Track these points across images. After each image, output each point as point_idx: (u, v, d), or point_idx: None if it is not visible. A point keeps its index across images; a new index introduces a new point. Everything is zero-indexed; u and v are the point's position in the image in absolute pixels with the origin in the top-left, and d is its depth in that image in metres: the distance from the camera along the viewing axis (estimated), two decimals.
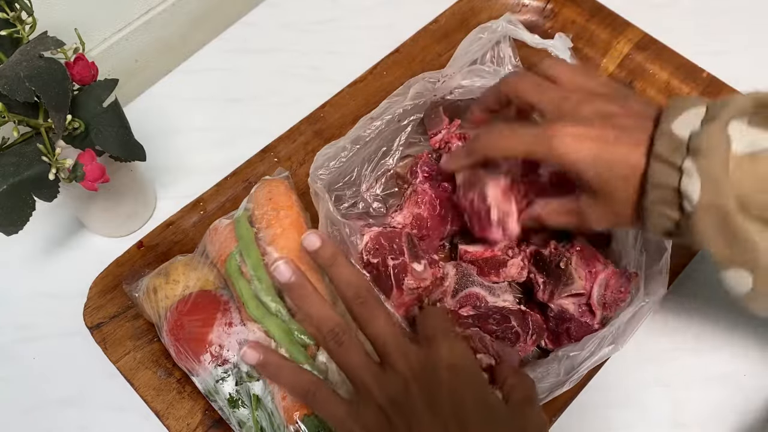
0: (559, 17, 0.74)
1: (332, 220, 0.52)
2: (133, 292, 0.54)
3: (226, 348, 0.50)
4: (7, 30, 0.48)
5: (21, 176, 0.47)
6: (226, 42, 0.75)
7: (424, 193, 0.58)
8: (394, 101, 0.57)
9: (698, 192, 0.38)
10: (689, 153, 0.38)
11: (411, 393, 0.41)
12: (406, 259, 0.53)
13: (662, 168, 0.39)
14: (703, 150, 0.38)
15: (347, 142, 0.55)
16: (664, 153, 0.39)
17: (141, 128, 0.55)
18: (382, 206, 0.59)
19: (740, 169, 0.37)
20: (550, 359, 0.49)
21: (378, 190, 0.59)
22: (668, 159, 0.39)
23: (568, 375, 0.48)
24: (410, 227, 0.57)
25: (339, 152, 0.55)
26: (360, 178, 0.58)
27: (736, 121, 0.39)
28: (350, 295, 0.45)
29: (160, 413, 0.52)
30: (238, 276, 0.50)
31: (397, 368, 0.42)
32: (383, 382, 0.42)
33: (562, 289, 0.52)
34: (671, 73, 0.69)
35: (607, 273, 0.52)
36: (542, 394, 0.48)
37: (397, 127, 0.57)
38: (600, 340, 0.49)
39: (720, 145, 0.38)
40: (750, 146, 0.38)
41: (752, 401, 0.55)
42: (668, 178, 0.39)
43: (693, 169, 0.38)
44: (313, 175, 0.54)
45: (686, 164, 0.38)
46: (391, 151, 0.58)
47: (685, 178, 0.38)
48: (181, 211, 0.61)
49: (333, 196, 0.56)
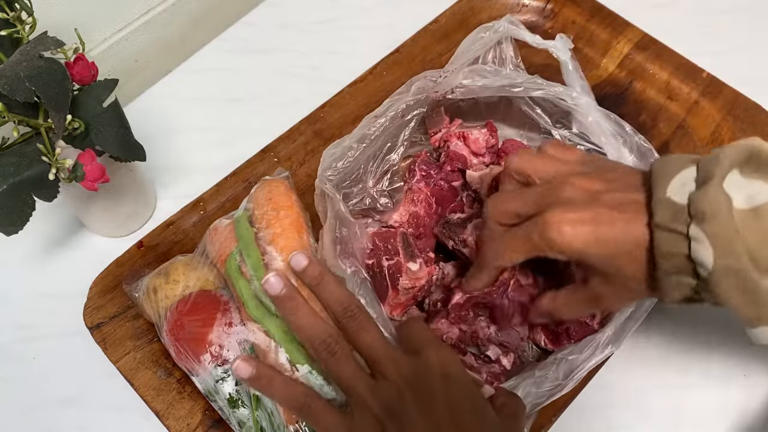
0: (559, 17, 0.74)
1: (342, 221, 0.51)
2: (133, 292, 0.54)
3: (226, 348, 0.50)
4: (7, 30, 0.48)
5: (21, 176, 0.47)
6: (226, 42, 0.75)
7: (420, 192, 0.58)
8: (396, 98, 0.57)
9: (711, 257, 0.36)
10: (693, 219, 0.37)
11: (405, 400, 0.40)
12: (401, 258, 0.53)
13: (668, 237, 0.38)
14: (708, 215, 0.36)
15: (353, 141, 0.55)
16: (667, 222, 0.38)
17: (141, 128, 0.55)
18: (389, 201, 0.59)
19: (745, 227, 0.36)
20: (549, 362, 0.49)
21: (384, 186, 0.59)
22: (673, 228, 0.38)
23: (567, 378, 0.48)
24: (406, 225, 0.57)
25: (346, 152, 0.55)
26: (366, 174, 0.58)
27: (730, 175, 0.38)
28: (339, 311, 0.45)
29: (160, 413, 0.52)
30: (238, 276, 0.50)
31: (389, 377, 0.42)
32: (376, 391, 0.42)
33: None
34: (671, 73, 0.69)
35: None
36: (541, 399, 0.48)
37: (401, 123, 0.57)
38: (597, 342, 0.49)
39: (722, 206, 0.36)
40: (749, 201, 0.37)
41: (752, 401, 0.55)
42: (677, 246, 0.38)
43: (702, 236, 0.36)
44: (321, 176, 0.54)
45: (692, 231, 0.37)
46: (395, 147, 0.58)
47: (694, 245, 0.37)
48: (181, 211, 0.61)
49: (341, 194, 0.56)
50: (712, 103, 0.67)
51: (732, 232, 0.36)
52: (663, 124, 0.67)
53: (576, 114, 0.57)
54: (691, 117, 0.67)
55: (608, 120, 0.55)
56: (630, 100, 0.69)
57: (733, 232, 0.36)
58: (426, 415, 0.40)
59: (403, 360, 0.43)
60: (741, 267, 0.36)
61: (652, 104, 0.69)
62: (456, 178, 0.60)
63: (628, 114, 0.67)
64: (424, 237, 0.57)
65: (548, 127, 0.60)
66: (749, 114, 0.66)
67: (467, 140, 0.60)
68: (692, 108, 0.68)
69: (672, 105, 0.68)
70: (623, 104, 0.69)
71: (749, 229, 0.36)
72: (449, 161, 0.60)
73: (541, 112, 0.60)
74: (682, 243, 0.38)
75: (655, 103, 0.69)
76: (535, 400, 0.48)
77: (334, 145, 0.55)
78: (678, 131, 0.67)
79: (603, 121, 0.55)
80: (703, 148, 0.65)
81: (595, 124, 0.56)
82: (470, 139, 0.60)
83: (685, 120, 0.67)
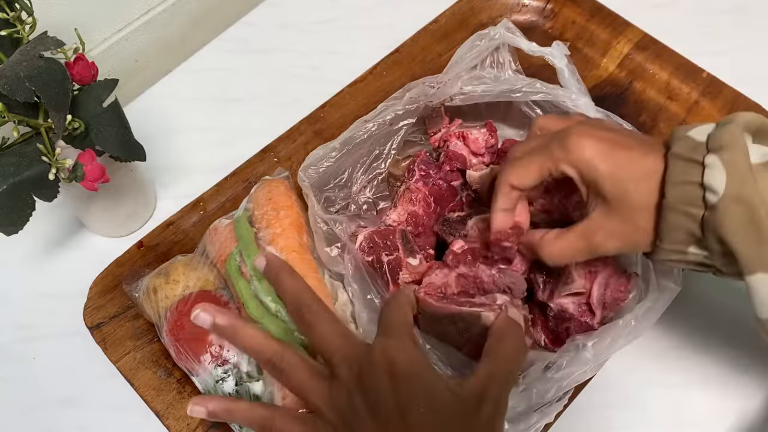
0: (559, 17, 0.74)
1: (318, 217, 0.52)
2: (133, 292, 0.54)
3: (226, 348, 0.50)
4: (7, 30, 0.48)
5: (21, 176, 0.47)
6: (226, 42, 0.75)
7: (418, 191, 0.58)
8: (390, 104, 0.57)
9: (724, 182, 0.37)
10: (709, 151, 0.38)
11: (355, 405, 0.39)
12: (400, 254, 0.53)
13: (683, 165, 0.39)
14: (725, 145, 0.38)
15: (337, 143, 0.56)
16: (684, 152, 0.39)
17: (141, 128, 0.55)
18: (373, 210, 0.59)
19: (760, 177, 0.37)
20: (569, 347, 0.48)
21: (369, 193, 0.60)
22: (689, 156, 0.39)
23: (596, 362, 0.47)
24: (405, 225, 0.57)
25: (329, 152, 0.55)
26: (351, 180, 0.58)
27: (745, 133, 0.39)
28: (294, 304, 0.43)
29: (160, 413, 0.52)
30: (238, 276, 0.50)
31: (341, 377, 0.40)
32: (330, 398, 0.40)
33: (561, 288, 0.52)
34: (671, 73, 0.69)
35: (607, 272, 0.52)
36: (564, 380, 0.46)
37: (389, 131, 0.58)
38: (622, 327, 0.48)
39: (740, 141, 0.38)
40: (762, 157, 0.38)
41: (752, 401, 0.55)
42: (690, 174, 0.39)
43: (717, 162, 0.38)
44: (301, 174, 0.54)
45: (709, 159, 0.38)
46: (383, 156, 0.59)
47: (708, 171, 0.38)
48: (181, 211, 0.61)
49: (323, 197, 0.57)
50: (712, 103, 0.67)
51: (746, 165, 0.37)
52: (663, 124, 0.67)
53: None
54: (692, 117, 0.67)
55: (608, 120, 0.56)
56: (630, 101, 0.69)
57: (747, 164, 0.37)
58: (374, 418, 0.38)
59: (356, 354, 0.40)
60: (753, 199, 0.37)
61: (652, 104, 0.69)
62: (455, 178, 0.60)
63: (628, 114, 0.67)
64: (423, 235, 0.58)
65: None
66: None
67: (467, 140, 0.60)
68: (692, 108, 0.67)
69: (672, 105, 0.68)
70: (623, 104, 0.69)
71: (764, 180, 0.37)
72: (448, 161, 0.60)
73: (541, 112, 0.60)
74: (696, 170, 0.39)
75: (655, 103, 0.69)
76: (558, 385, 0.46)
77: (321, 147, 0.56)
78: None
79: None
80: None
81: None
82: (470, 139, 0.60)
83: (685, 120, 0.67)
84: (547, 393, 0.46)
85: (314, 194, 0.54)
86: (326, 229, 0.53)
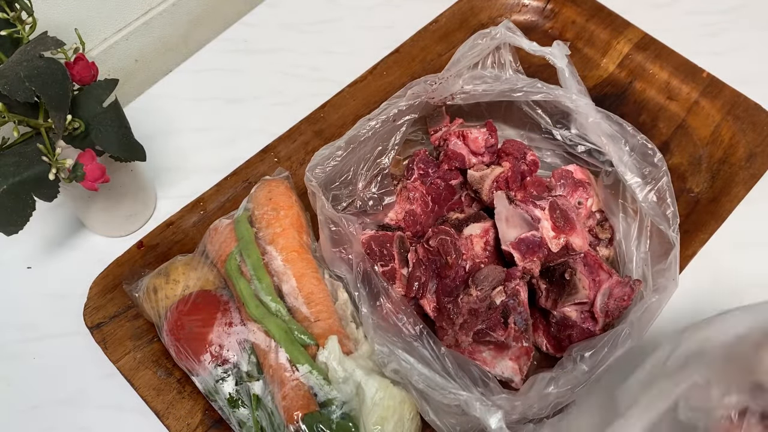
0: (559, 17, 0.74)
1: (329, 217, 0.52)
2: (133, 292, 0.54)
3: (226, 348, 0.50)
4: (7, 30, 0.48)
5: (21, 176, 0.47)
6: (226, 42, 0.75)
7: (416, 190, 0.58)
8: (393, 102, 0.57)
9: None
10: None
11: None
12: (395, 265, 0.53)
13: None
14: None
15: (342, 142, 0.56)
16: None
17: (141, 128, 0.55)
18: (378, 205, 0.59)
19: None
20: (566, 361, 0.48)
21: (374, 189, 0.60)
22: None
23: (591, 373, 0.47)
24: (403, 223, 0.57)
25: (334, 152, 0.55)
26: (356, 177, 0.58)
27: None
28: None
29: (160, 413, 0.52)
30: (238, 276, 0.50)
31: None
32: None
33: (565, 298, 0.52)
34: (671, 73, 0.69)
35: (611, 282, 0.51)
36: (563, 397, 0.46)
37: (392, 127, 0.58)
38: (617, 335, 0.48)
39: None
40: None
41: None
42: None
43: None
44: (308, 174, 0.54)
45: None
46: (386, 151, 0.59)
47: None
48: (181, 211, 0.61)
49: (330, 195, 0.57)
50: (712, 103, 0.67)
51: None
52: (663, 124, 0.67)
53: (576, 116, 0.57)
54: (691, 117, 0.67)
55: (608, 121, 0.56)
56: (630, 100, 0.69)
57: None
58: None
59: None
60: None
61: (652, 104, 0.69)
62: (454, 177, 0.60)
63: (628, 114, 0.67)
64: (421, 234, 0.58)
65: (549, 127, 0.60)
66: (749, 114, 0.66)
67: (466, 139, 0.60)
68: (692, 108, 0.68)
69: (672, 105, 0.68)
70: (623, 104, 0.69)
71: None
72: (447, 160, 0.60)
73: (542, 112, 0.60)
74: None
75: (655, 103, 0.69)
76: (557, 399, 0.46)
77: (326, 146, 0.56)
78: (678, 131, 0.67)
79: (603, 122, 0.55)
80: (703, 148, 0.65)
81: (595, 125, 0.56)
82: (469, 139, 0.60)
83: (685, 120, 0.67)
84: (545, 410, 0.47)
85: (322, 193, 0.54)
86: (334, 230, 0.52)
